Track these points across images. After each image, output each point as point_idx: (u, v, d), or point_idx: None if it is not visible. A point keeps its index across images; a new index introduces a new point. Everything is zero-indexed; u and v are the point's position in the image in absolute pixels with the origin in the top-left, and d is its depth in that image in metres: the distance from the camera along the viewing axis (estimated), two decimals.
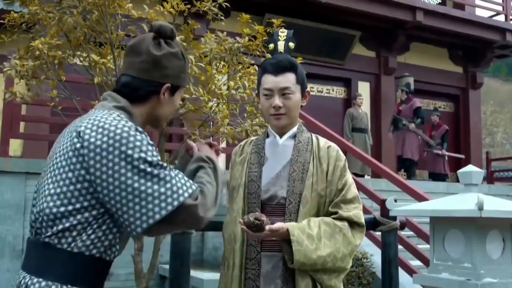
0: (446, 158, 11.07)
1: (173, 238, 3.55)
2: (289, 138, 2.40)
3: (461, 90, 13.27)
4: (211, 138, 5.14)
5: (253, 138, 2.49)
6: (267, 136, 2.46)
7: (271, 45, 2.48)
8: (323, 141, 2.44)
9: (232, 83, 4.16)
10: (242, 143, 2.49)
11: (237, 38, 4.82)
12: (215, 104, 4.18)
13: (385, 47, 11.97)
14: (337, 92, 11.87)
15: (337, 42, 11.28)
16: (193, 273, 5.56)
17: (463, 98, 13.32)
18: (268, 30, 4.84)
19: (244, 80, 4.29)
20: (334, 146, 2.44)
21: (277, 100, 2.31)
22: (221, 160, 9.98)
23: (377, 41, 11.95)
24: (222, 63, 4.79)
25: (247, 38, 4.83)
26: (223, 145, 8.31)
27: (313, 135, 2.46)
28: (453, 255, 3.58)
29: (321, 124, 7.21)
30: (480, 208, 3.19)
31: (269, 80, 2.34)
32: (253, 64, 4.98)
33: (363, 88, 11.83)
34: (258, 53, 4.92)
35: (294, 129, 2.42)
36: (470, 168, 3.76)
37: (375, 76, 11.95)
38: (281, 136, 2.40)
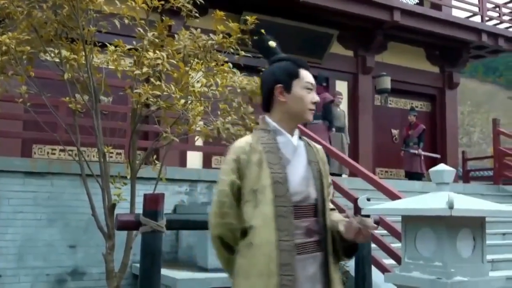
0: (423, 157, 11.14)
1: (144, 237, 3.50)
2: (297, 138, 2.35)
3: (438, 90, 13.36)
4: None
5: (252, 136, 2.27)
6: (274, 134, 2.29)
7: (272, 43, 2.42)
8: (312, 142, 2.44)
9: (204, 80, 4.11)
10: (248, 140, 2.23)
11: (211, 35, 4.78)
12: (188, 102, 4.13)
13: (363, 46, 12.00)
14: None
15: (315, 41, 11.27)
16: (167, 272, 5.51)
17: (440, 98, 13.42)
18: (242, 28, 4.81)
19: (217, 77, 4.24)
20: (321, 147, 2.47)
21: (317, 96, 2.30)
22: (198, 158, 9.91)
23: (355, 41, 11.97)
24: (196, 60, 4.75)
25: (221, 35, 4.80)
26: (199, 143, 8.24)
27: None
28: (424, 253, 3.57)
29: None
30: (451, 206, 3.19)
31: (309, 76, 2.29)
32: (227, 62, 4.94)
33: (341, 87, 11.84)
34: (232, 50, 4.88)
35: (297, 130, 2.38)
36: (441, 167, 3.76)
37: (353, 75, 11.97)
38: (291, 136, 2.31)
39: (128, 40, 4.88)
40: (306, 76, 2.28)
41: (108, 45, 4.50)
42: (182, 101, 4.02)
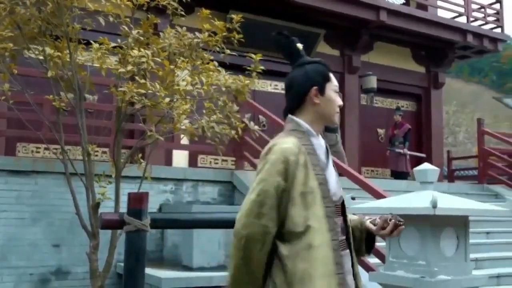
0: (408, 156, 11.20)
1: (128, 236, 3.47)
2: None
3: (423, 89, 13.43)
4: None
5: (292, 137, 2.20)
6: (308, 135, 2.28)
7: (300, 45, 2.43)
8: None
9: (189, 78, 4.09)
10: (294, 141, 2.17)
11: (197, 33, 4.77)
12: (173, 100, 4.11)
13: (350, 46, 12.03)
14: None
15: (302, 40, 11.21)
16: (152, 271, 5.49)
17: (425, 98, 13.50)
18: (228, 26, 4.80)
19: (203, 76, 4.22)
20: None
21: (341, 100, 2.36)
22: (184, 157, 9.87)
23: (341, 40, 12.00)
24: (182, 58, 4.73)
25: (206, 33, 4.78)
26: (185, 141, 8.21)
27: None
28: (409, 252, 3.60)
29: (284, 122, 7.17)
30: (434, 205, 3.21)
31: (335, 79, 2.35)
32: (212, 60, 4.93)
33: None
34: (218, 48, 4.87)
35: None
36: (425, 166, 3.79)
37: (339, 74, 11.98)
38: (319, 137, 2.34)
39: (114, 38, 4.85)
40: (334, 79, 2.33)
41: (93, 43, 4.47)
42: (167, 99, 4.00)
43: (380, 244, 5.55)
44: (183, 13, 5.05)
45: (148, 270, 5.63)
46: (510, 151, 11.71)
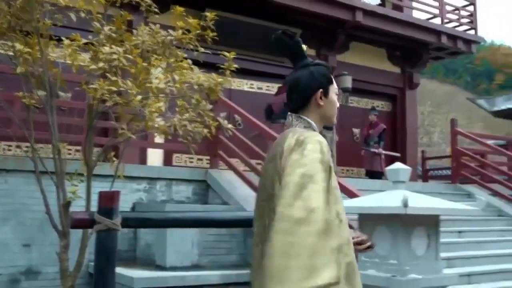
0: (383, 156, 11.27)
1: (98, 236, 3.42)
2: None
3: (398, 90, 13.54)
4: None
5: (316, 132, 2.22)
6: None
7: (305, 46, 2.42)
8: None
9: (162, 76, 4.05)
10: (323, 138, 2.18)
11: (170, 31, 4.72)
12: (145, 98, 4.06)
13: (326, 46, 12.07)
14: (277, 89, 11.87)
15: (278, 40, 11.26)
16: (124, 271, 5.43)
17: (400, 98, 13.61)
18: (202, 24, 4.77)
19: (175, 74, 4.18)
20: None
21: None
22: (158, 157, 9.79)
23: (317, 40, 12.03)
24: (155, 56, 4.68)
25: (180, 31, 4.74)
26: (160, 140, 8.16)
27: None
28: (380, 252, 3.61)
29: (259, 122, 7.17)
30: (405, 205, 3.23)
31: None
32: (186, 58, 4.89)
33: None
34: (191, 46, 4.83)
35: None
36: (397, 165, 3.81)
37: None
38: None
39: (87, 35, 4.77)
40: (335, 82, 2.37)
41: (63, 39, 4.39)
42: (139, 97, 3.94)
43: None
44: (157, 10, 5.00)
45: (121, 270, 5.58)
46: (483, 151, 11.88)
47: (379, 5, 13.30)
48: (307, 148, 2.04)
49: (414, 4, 13.39)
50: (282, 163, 2.06)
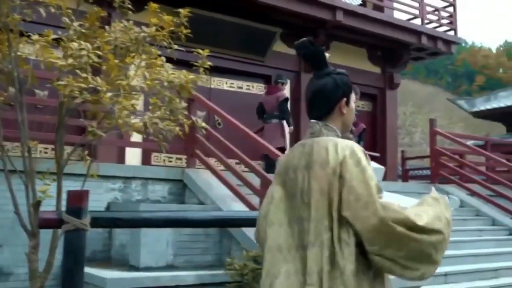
0: None
1: (67, 236, 3.35)
2: None
3: (379, 90, 13.56)
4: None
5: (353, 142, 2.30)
6: None
7: (327, 54, 2.59)
8: None
9: (132, 73, 3.97)
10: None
11: (143, 27, 4.64)
12: (116, 95, 3.98)
13: None
14: (257, 88, 11.84)
15: (258, 39, 11.24)
16: (96, 271, 5.35)
17: (381, 98, 13.63)
18: (175, 20, 4.69)
19: (146, 71, 4.11)
20: None
21: None
22: (136, 156, 9.68)
23: (297, 39, 11.76)
24: (128, 53, 4.60)
25: (154, 28, 4.66)
26: (137, 139, 8.06)
27: None
28: None
29: (236, 121, 7.10)
30: None
31: None
32: (161, 55, 4.81)
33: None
34: (165, 43, 4.76)
35: None
36: (371, 165, 3.77)
37: (295, 74, 12.00)
38: None
39: (61, 31, 4.67)
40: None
41: (32, 34, 4.29)
42: (109, 94, 3.86)
43: None
44: (130, 7, 4.91)
45: (93, 270, 5.49)
46: (462, 151, 11.95)
47: (360, 5, 13.32)
48: (368, 167, 2.21)
49: (395, 5, 13.43)
50: (334, 172, 2.14)
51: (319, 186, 2.14)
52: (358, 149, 2.21)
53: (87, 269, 5.56)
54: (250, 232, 5.73)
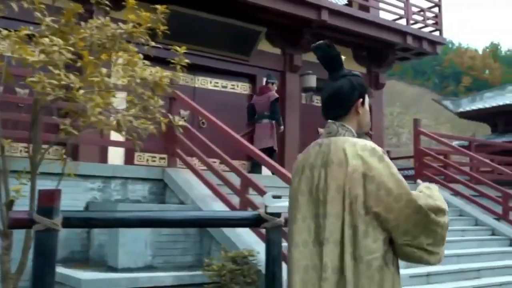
0: None
1: (37, 236, 3.27)
2: None
3: None
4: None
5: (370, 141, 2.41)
6: None
7: (343, 57, 2.57)
8: None
9: (104, 70, 3.88)
10: None
11: (120, 24, 4.56)
12: (88, 92, 3.89)
13: (291, 44, 11.99)
14: (242, 88, 11.76)
15: (243, 38, 11.16)
16: (72, 272, 5.26)
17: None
18: (152, 16, 4.61)
19: (121, 68, 4.02)
20: None
21: None
22: (119, 155, 9.57)
23: (283, 39, 11.95)
24: (105, 50, 4.51)
25: (131, 24, 4.58)
26: (119, 138, 7.94)
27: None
28: None
29: (217, 120, 7.03)
30: None
31: None
32: (138, 52, 4.73)
33: None
34: (142, 40, 4.68)
35: None
36: None
37: (280, 73, 11.93)
38: None
39: (36, 27, 4.59)
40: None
41: (1, 30, 4.19)
42: (82, 91, 3.78)
43: None
44: (108, 3, 4.82)
45: (69, 271, 5.40)
46: (446, 151, 11.95)
47: (346, 5, 13.29)
48: (383, 156, 2.29)
49: (381, 5, 13.42)
50: (355, 170, 2.21)
51: (336, 184, 2.22)
52: (377, 147, 2.30)
53: (63, 270, 5.48)
54: (230, 232, 5.67)
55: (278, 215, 4.02)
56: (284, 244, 4.92)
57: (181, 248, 6.03)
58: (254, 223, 4.25)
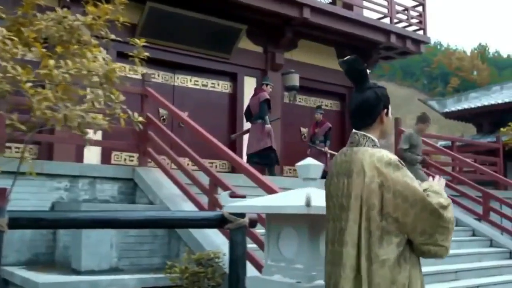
0: (329, 155, 11.08)
1: None
2: None
3: (347, 89, 13.35)
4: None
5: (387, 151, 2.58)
6: None
7: (368, 71, 2.75)
8: None
9: (52, 62, 3.68)
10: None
11: (78, 15, 4.37)
12: (35, 86, 3.69)
13: (273, 43, 11.82)
14: (222, 86, 11.56)
15: (223, 35, 10.96)
16: (29, 275, 5.07)
17: (349, 97, 13.44)
18: (111, 8, 4.42)
19: (69, 60, 3.82)
20: None
21: None
22: (96, 155, 9.34)
23: (264, 37, 11.77)
24: (62, 42, 4.32)
25: (90, 16, 4.39)
26: (97, 137, 7.72)
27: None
28: (287, 255, 3.31)
29: (186, 117, 6.83)
30: (308, 204, 2.94)
31: None
32: (99, 45, 4.53)
33: (249, 83, 11.61)
34: (102, 33, 4.49)
35: None
36: (308, 161, 3.54)
37: (261, 71, 11.75)
38: None
39: None
40: None
41: None
42: (28, 84, 3.58)
43: None
44: None
45: (28, 274, 5.20)
46: (428, 151, 11.81)
47: (330, 3, 13.13)
48: (398, 165, 2.48)
49: (364, 3, 13.28)
50: (372, 180, 2.44)
51: (355, 192, 2.47)
52: (392, 156, 2.50)
53: (24, 273, 5.28)
54: (197, 233, 5.47)
55: (242, 215, 3.84)
56: (249, 245, 4.76)
57: (148, 249, 5.82)
58: (217, 223, 4.06)
